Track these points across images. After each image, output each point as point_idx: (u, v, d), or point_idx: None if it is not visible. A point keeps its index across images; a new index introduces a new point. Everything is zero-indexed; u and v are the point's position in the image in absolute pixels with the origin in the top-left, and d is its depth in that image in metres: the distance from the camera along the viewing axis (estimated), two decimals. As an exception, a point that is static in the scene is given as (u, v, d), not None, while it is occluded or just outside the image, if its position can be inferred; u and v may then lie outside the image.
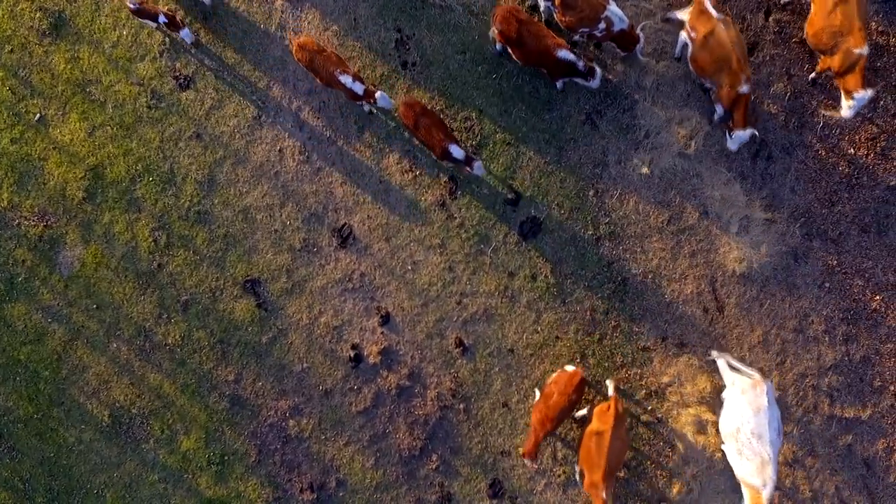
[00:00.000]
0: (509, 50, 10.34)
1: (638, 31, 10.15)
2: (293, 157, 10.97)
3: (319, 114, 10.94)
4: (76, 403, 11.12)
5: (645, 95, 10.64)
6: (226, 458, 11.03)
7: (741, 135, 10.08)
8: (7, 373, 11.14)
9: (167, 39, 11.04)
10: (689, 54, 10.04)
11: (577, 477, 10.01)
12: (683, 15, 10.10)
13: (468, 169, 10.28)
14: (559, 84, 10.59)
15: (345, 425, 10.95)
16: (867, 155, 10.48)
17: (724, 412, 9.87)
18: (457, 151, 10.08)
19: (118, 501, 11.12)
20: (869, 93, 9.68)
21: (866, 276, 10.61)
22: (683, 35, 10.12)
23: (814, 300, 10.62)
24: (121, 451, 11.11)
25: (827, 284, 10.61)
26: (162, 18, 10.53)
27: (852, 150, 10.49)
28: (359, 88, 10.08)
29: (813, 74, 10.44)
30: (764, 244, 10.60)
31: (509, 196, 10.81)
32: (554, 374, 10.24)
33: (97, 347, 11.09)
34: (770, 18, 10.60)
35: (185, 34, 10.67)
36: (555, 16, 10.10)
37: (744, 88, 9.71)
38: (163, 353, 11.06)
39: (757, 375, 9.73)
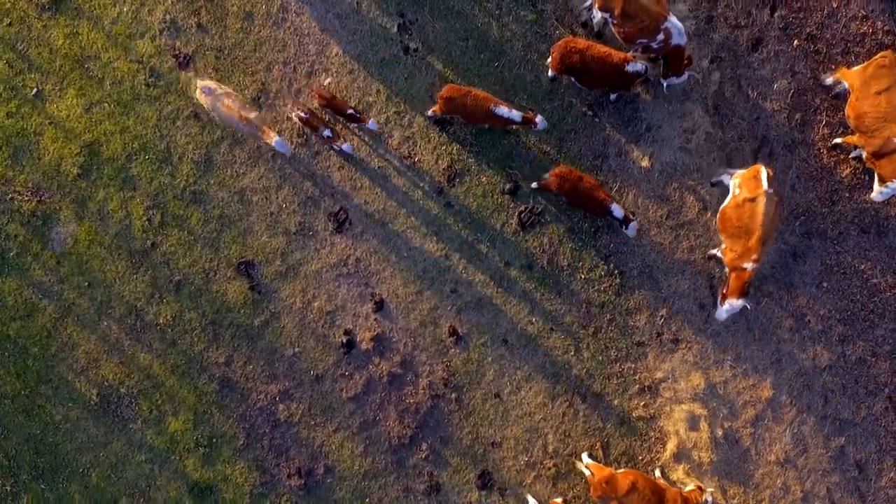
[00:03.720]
0: (574, 80, 10.24)
1: (686, 74, 10.07)
2: (291, 140, 10.86)
3: (319, 97, 10.85)
4: (64, 381, 11.01)
5: (647, 88, 10.55)
6: (214, 440, 10.93)
7: (734, 304, 9.89)
8: (-4, 348, 11.07)
9: (168, 17, 10.93)
10: (722, 206, 9.91)
11: None
12: (740, 171, 9.93)
13: (623, 228, 10.19)
14: (614, 97, 10.53)
15: (335, 411, 10.86)
16: (869, 155, 10.40)
17: None
18: (618, 211, 10.05)
19: (104, 481, 11.02)
20: None
21: (864, 277, 10.54)
22: (727, 180, 9.97)
23: (811, 299, 10.55)
24: (108, 430, 11.01)
25: (825, 284, 10.54)
26: (327, 132, 10.38)
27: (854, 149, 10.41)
28: (517, 116, 10.01)
29: (839, 140, 10.32)
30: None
31: (508, 185, 10.73)
32: None
33: (87, 325, 10.99)
34: (775, 14, 10.53)
35: (348, 148, 10.55)
36: (612, 27, 9.94)
37: (748, 265, 9.62)
38: (154, 332, 10.96)
39: None
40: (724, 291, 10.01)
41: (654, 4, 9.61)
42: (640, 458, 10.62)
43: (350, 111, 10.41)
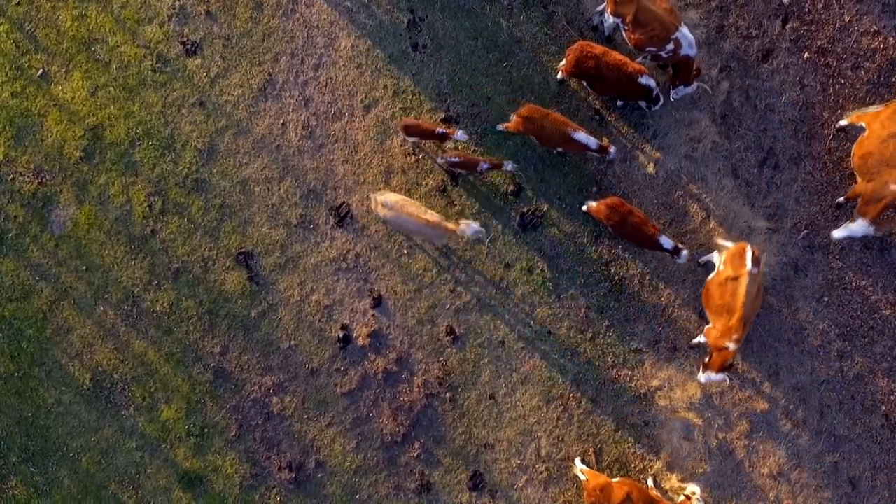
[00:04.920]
0: (585, 84, 10.17)
1: (695, 84, 10.09)
2: (296, 132, 10.83)
3: (326, 89, 10.80)
4: (58, 364, 10.96)
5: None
6: (205, 430, 10.88)
7: (712, 377, 9.85)
8: (-10, 329, 11.01)
9: (177, 3, 10.89)
10: (707, 281, 9.90)
11: None
12: (727, 242, 9.96)
13: (675, 258, 10.09)
14: (621, 102, 10.51)
15: (328, 406, 10.81)
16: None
17: None
18: (667, 243, 9.94)
19: (94, 466, 10.96)
20: (872, 230, 9.66)
21: (865, 293, 10.49)
22: (715, 256, 9.98)
23: (811, 314, 10.51)
24: (100, 415, 10.95)
25: (825, 299, 10.49)
26: (485, 165, 10.22)
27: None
28: (593, 143, 9.91)
29: (841, 199, 10.26)
30: (765, 253, 10.48)
31: (511, 187, 10.68)
32: None
33: (84, 309, 10.94)
34: (787, 26, 10.49)
35: (512, 167, 10.35)
36: (623, 34, 9.89)
37: (730, 345, 9.54)
38: (149, 319, 10.91)
39: None
40: (706, 361, 9.95)
41: (666, 14, 9.57)
42: (633, 465, 10.57)
43: (440, 130, 10.18)
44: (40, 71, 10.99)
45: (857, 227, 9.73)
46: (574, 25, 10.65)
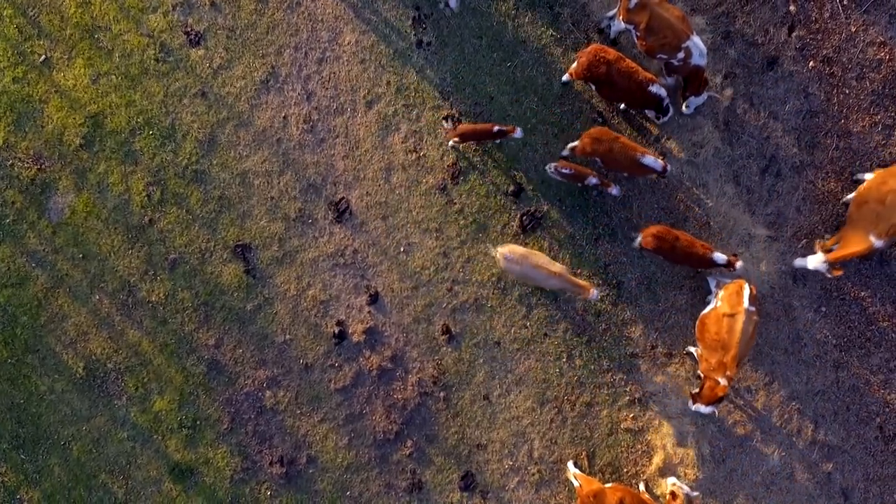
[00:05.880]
0: (594, 87, 10.11)
1: (705, 94, 10.10)
2: (297, 126, 10.79)
3: (328, 84, 10.76)
4: (52, 352, 10.91)
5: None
6: (198, 422, 10.84)
7: (701, 409, 9.87)
8: (-15, 314, 10.96)
9: (182, -7, 10.87)
10: (701, 313, 9.91)
11: None
12: (725, 281, 9.97)
13: (731, 270, 10.01)
14: (622, 106, 10.49)
15: (322, 402, 10.77)
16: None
17: None
18: (720, 258, 9.87)
19: (84, 455, 10.91)
20: (825, 268, 9.76)
21: (863, 304, 10.47)
22: (713, 286, 10.00)
23: (808, 323, 10.48)
24: (92, 404, 10.90)
25: (823, 309, 10.46)
26: (593, 180, 10.14)
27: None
28: (659, 166, 9.84)
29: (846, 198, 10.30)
30: (764, 261, 10.46)
31: (511, 187, 10.64)
32: None
33: (79, 298, 10.89)
34: (793, 34, 10.46)
35: (616, 191, 10.28)
36: (635, 39, 9.87)
37: (721, 381, 9.55)
38: (145, 309, 10.87)
39: None
40: (695, 393, 9.94)
41: (678, 22, 9.56)
42: (626, 470, 10.54)
43: (497, 128, 10.12)
44: (42, 57, 10.94)
45: (815, 260, 9.84)
46: (580, 27, 10.62)
